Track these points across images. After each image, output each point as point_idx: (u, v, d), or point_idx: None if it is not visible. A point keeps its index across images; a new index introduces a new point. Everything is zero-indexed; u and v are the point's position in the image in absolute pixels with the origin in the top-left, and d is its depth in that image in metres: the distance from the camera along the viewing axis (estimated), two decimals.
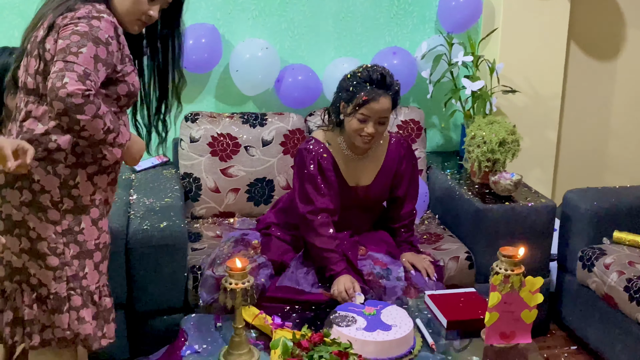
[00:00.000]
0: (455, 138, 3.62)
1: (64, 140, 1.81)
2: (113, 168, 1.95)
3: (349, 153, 2.52)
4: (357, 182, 2.55)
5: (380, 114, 2.37)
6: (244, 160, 3.06)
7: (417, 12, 3.38)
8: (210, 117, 3.10)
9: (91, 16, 1.76)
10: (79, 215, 1.88)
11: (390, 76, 2.40)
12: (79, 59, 1.69)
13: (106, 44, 1.76)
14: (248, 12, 3.22)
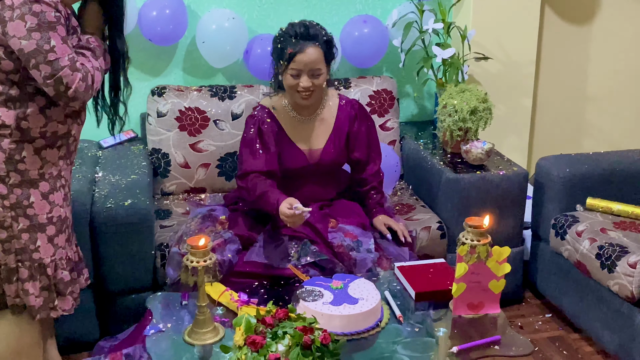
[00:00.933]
0: (430, 107, 3.59)
1: (8, 115, 1.84)
2: (63, 142, 1.96)
3: (296, 115, 2.55)
4: (310, 146, 2.56)
5: (309, 65, 2.40)
6: (213, 135, 3.02)
7: None
8: (177, 90, 3.05)
9: (30, 2, 1.76)
10: (27, 189, 1.89)
11: (315, 27, 2.44)
12: (57, 52, 1.77)
13: (58, 21, 1.80)
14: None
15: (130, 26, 2.96)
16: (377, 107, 3.23)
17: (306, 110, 2.54)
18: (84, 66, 1.82)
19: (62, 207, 1.99)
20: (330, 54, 2.47)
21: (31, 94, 1.85)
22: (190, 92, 3.06)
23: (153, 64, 3.19)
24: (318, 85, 2.45)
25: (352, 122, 2.58)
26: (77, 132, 2.01)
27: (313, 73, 2.42)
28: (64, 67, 1.77)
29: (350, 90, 3.21)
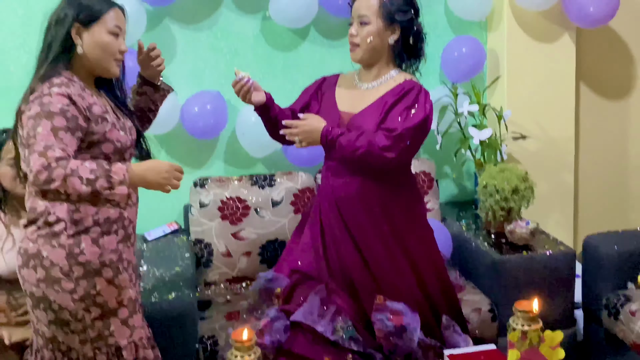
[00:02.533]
0: (470, 187, 3.56)
1: (62, 209, 1.91)
2: (119, 226, 2.00)
3: (356, 82, 2.42)
4: (349, 109, 2.37)
5: (359, 10, 2.30)
6: (254, 223, 3.04)
7: (421, 64, 3.36)
8: (219, 181, 3.09)
9: (42, 95, 1.86)
10: (92, 278, 1.94)
11: None
12: (37, 139, 1.80)
13: (62, 113, 1.84)
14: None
15: (173, 122, 3.08)
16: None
17: (366, 76, 2.38)
18: (61, 160, 1.79)
19: (130, 288, 2.03)
20: (390, 8, 2.27)
21: None
22: (231, 182, 3.09)
23: (195, 157, 3.27)
24: (363, 38, 2.29)
25: (398, 97, 2.29)
26: (130, 214, 2.04)
27: (361, 20, 2.29)
28: (35, 151, 1.79)
29: None
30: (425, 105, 2.27)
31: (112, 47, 1.98)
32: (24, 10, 3.04)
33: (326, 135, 2.26)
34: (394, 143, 2.20)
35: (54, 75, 1.90)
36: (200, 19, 3.17)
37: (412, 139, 2.23)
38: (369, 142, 2.20)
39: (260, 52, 3.27)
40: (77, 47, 1.95)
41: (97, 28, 1.96)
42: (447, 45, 3.32)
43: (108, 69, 2.00)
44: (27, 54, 3.04)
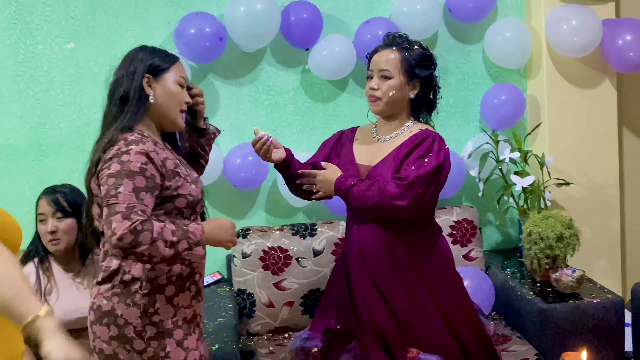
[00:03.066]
0: (514, 235, 3.54)
1: (137, 268, 1.94)
2: (191, 282, 2.02)
3: (375, 134, 2.43)
4: (367, 162, 2.37)
5: (379, 65, 2.31)
6: (296, 273, 3.05)
7: (460, 112, 3.44)
8: (261, 231, 3.13)
9: (120, 152, 1.86)
10: (163, 340, 1.96)
11: (400, 37, 2.36)
12: (119, 199, 1.79)
13: (141, 172, 1.85)
14: (292, 127, 3.34)
15: (215, 174, 3.15)
16: (459, 237, 3.21)
17: (383, 129, 2.40)
18: (145, 222, 1.78)
19: (197, 348, 2.03)
20: (411, 63, 2.30)
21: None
22: (273, 232, 3.13)
23: (238, 208, 3.32)
24: (385, 92, 2.30)
25: (412, 146, 2.29)
26: (200, 267, 2.06)
27: (382, 74, 2.31)
28: (117, 212, 1.77)
29: None
30: (438, 153, 2.26)
31: (179, 97, 2.04)
32: (73, 69, 3.18)
33: (339, 186, 2.29)
34: (405, 191, 2.19)
35: (129, 130, 1.93)
36: (242, 74, 3.26)
37: (425, 186, 2.21)
38: (380, 191, 2.21)
39: (300, 104, 3.34)
40: (150, 97, 2.00)
41: (166, 78, 2.02)
42: (486, 92, 3.36)
43: (174, 120, 2.05)
44: (77, 112, 3.18)
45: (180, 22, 3.10)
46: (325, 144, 2.55)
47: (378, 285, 2.33)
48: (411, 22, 3.21)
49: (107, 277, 1.96)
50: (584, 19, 3.13)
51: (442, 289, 2.35)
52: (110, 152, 1.88)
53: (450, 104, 3.41)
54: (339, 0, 3.30)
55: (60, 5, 3.13)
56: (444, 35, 3.39)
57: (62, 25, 3.14)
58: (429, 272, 2.34)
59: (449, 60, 3.40)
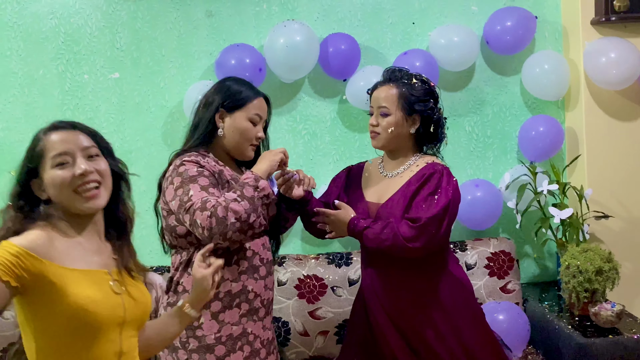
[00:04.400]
0: (552, 267, 3.51)
1: (188, 281, 2.05)
2: (242, 299, 2.09)
3: (382, 170, 2.42)
4: (376, 199, 2.37)
5: (379, 102, 2.31)
6: (331, 302, 3.07)
7: (497, 144, 3.45)
8: (296, 259, 3.16)
9: (175, 167, 2.04)
10: (204, 354, 2.03)
11: (400, 72, 2.35)
12: (193, 200, 1.93)
13: (200, 174, 2.00)
14: (329, 156, 3.38)
15: None
16: (496, 269, 3.20)
17: (389, 165, 2.39)
18: (212, 203, 1.92)
19: None
20: (410, 99, 2.28)
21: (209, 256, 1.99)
22: (308, 260, 3.15)
23: None
24: (384, 128, 2.30)
25: (420, 182, 2.26)
26: (257, 287, 2.12)
27: (380, 111, 2.31)
28: (195, 210, 1.92)
29: (466, 252, 3.22)
30: (447, 190, 2.24)
31: (249, 133, 2.14)
32: (117, 98, 3.28)
33: (352, 228, 2.29)
34: (418, 233, 2.18)
35: (195, 148, 2.10)
36: (280, 104, 3.31)
37: (438, 225, 2.20)
38: (393, 234, 2.19)
39: (337, 134, 3.39)
40: (219, 130, 2.14)
41: (239, 114, 2.14)
42: (524, 124, 3.37)
43: (243, 152, 2.17)
44: (120, 139, 3.30)
45: (221, 53, 3.18)
46: (335, 181, 2.54)
47: (397, 323, 2.32)
48: (448, 54, 3.25)
49: (169, 286, 2.11)
50: (623, 52, 3.12)
51: (463, 321, 2.33)
52: (167, 172, 2.07)
53: (487, 135, 3.44)
54: (377, 32, 3.36)
55: (107, 37, 3.25)
56: (482, 67, 3.42)
57: (108, 56, 3.26)
58: (448, 305, 2.32)
59: (486, 91, 3.43)
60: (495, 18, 3.29)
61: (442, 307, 2.31)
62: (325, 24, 3.33)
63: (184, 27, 3.28)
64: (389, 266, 2.31)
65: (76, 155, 1.56)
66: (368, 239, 2.25)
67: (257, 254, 2.16)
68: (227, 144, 2.16)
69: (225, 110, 2.15)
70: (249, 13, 3.30)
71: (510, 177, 3.28)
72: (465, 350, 2.30)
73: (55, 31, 3.23)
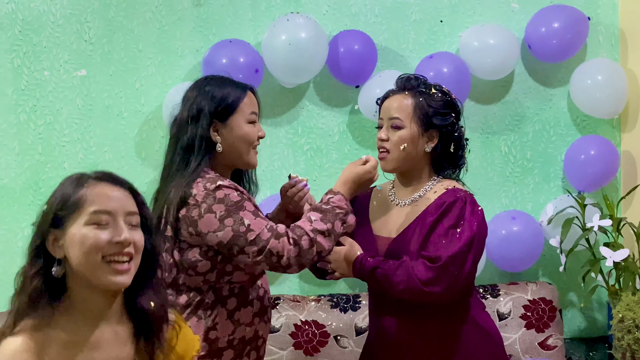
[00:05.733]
0: (602, 320, 3.45)
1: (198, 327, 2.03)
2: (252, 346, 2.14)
3: (393, 196, 2.32)
4: (387, 233, 2.28)
5: (390, 112, 2.22)
6: (334, 354, 3.01)
7: (539, 168, 3.40)
8: (293, 301, 3.10)
9: (212, 190, 1.99)
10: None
11: (417, 79, 2.29)
12: (254, 229, 1.97)
13: (244, 199, 2.03)
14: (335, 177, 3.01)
15: None
16: (534, 320, 3.13)
17: (401, 191, 2.29)
18: (294, 229, 2.02)
19: None
20: (427, 111, 2.21)
21: (225, 296, 2.05)
22: (307, 302, 3.10)
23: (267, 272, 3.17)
24: (395, 143, 2.21)
25: (439, 213, 2.18)
26: (264, 332, 2.19)
27: (392, 124, 2.21)
28: (268, 239, 1.97)
29: (499, 299, 3.15)
30: (471, 222, 2.16)
31: (251, 137, 2.14)
32: (83, 100, 3.20)
33: (359, 269, 2.21)
34: (437, 275, 2.10)
35: (199, 177, 2.05)
36: (279, 113, 3.27)
37: (460, 266, 2.11)
38: (409, 276, 2.11)
39: (346, 151, 3.32)
40: (217, 145, 2.10)
41: (235, 120, 2.12)
42: (572, 146, 3.33)
43: (248, 161, 2.17)
44: (84, 150, 3.20)
45: (210, 50, 3.13)
46: None
47: None
48: (482, 59, 3.21)
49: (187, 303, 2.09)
50: None
51: None
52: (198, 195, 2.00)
53: (526, 158, 3.39)
54: (397, 31, 3.33)
55: (73, 27, 3.18)
56: (522, 75, 3.38)
57: (74, 50, 3.19)
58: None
59: (526, 105, 3.39)
60: (540, 18, 3.24)
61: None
62: (336, 19, 3.30)
63: (166, 18, 3.23)
64: (401, 313, 2.23)
65: (118, 219, 1.53)
66: (378, 281, 2.18)
67: (267, 293, 2.22)
68: (229, 157, 2.15)
69: (218, 121, 2.11)
70: (244, 3, 3.26)
71: (554, 210, 3.20)
72: None
73: (12, 18, 3.16)
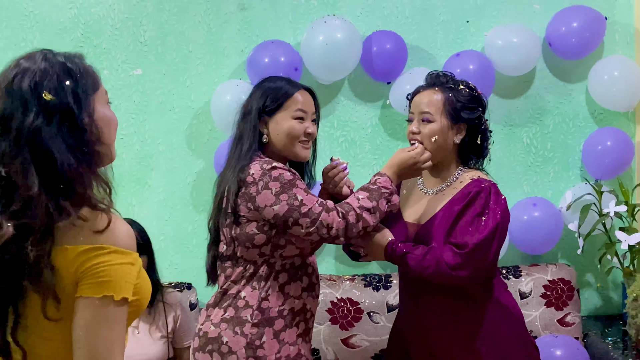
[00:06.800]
0: (617, 299, 3.47)
1: (252, 296, 2.15)
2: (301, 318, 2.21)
3: (421, 185, 2.41)
4: (416, 219, 2.36)
5: (420, 106, 2.29)
6: (367, 329, 3.07)
7: (559, 158, 3.44)
8: (329, 280, 3.16)
9: (267, 170, 2.11)
10: None
11: (445, 75, 2.35)
12: (307, 204, 2.09)
13: (295, 178, 2.13)
14: (368, 167, 3.37)
15: None
16: (553, 299, 3.18)
17: (429, 181, 2.38)
18: (343, 205, 2.13)
19: None
20: (456, 105, 2.28)
21: (277, 271, 2.15)
22: (342, 281, 3.17)
23: None
24: (426, 135, 2.27)
25: (465, 202, 2.24)
26: (312, 306, 2.25)
27: (422, 117, 2.28)
28: (320, 212, 2.08)
29: (520, 279, 3.21)
30: (496, 211, 2.22)
31: (296, 132, 2.21)
32: (139, 96, 3.33)
33: (391, 254, 2.27)
34: (465, 260, 2.16)
35: (254, 160, 2.16)
36: None
37: (486, 251, 2.18)
38: (437, 261, 2.18)
39: (379, 142, 3.40)
40: (264, 136, 2.22)
41: (281, 115, 2.21)
42: (589, 137, 3.36)
43: (295, 153, 2.24)
44: (140, 142, 3.34)
45: (253, 50, 3.21)
46: None
47: (438, 358, 2.31)
48: (506, 57, 3.24)
49: (219, 301, 2.19)
50: None
51: (513, 356, 2.30)
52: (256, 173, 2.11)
53: (547, 149, 3.43)
54: (426, 31, 3.37)
55: (130, 30, 3.30)
56: (543, 72, 3.41)
57: (130, 50, 3.31)
58: (495, 337, 2.28)
59: (547, 99, 3.42)
60: (560, 18, 3.27)
61: (488, 339, 2.28)
62: (369, 21, 3.33)
63: (214, 21, 3.31)
64: (429, 294, 2.30)
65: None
66: (408, 265, 2.24)
67: (315, 271, 2.29)
68: (276, 148, 2.23)
69: (265, 115, 2.22)
70: (285, 7, 3.32)
71: (573, 196, 3.25)
72: None
73: (75, 22, 3.26)
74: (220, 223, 2.22)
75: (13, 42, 3.27)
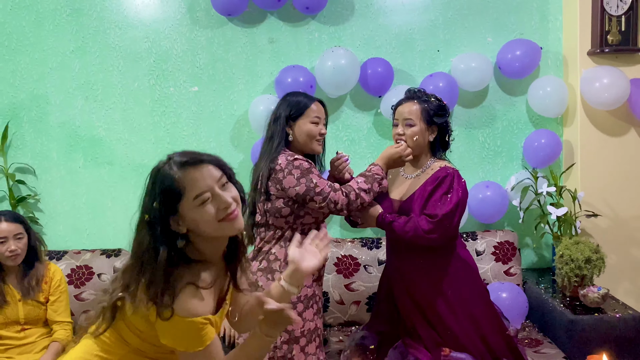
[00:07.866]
0: (548, 256, 3.46)
1: (281, 252, 2.18)
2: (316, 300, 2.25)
3: (402, 171, 2.44)
4: (399, 197, 2.37)
5: (404, 114, 2.31)
6: (363, 277, 3.07)
7: (505, 152, 3.40)
8: (336, 242, 3.17)
9: (291, 160, 2.16)
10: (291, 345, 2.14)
11: (420, 91, 2.36)
12: (320, 186, 2.14)
13: (310, 167, 2.17)
14: (365, 159, 3.36)
15: None
16: (501, 256, 3.16)
17: (409, 168, 2.40)
18: (345, 187, 2.16)
19: (313, 320, 2.23)
20: (429, 113, 2.29)
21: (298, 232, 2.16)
22: (345, 243, 3.16)
23: None
24: (409, 136, 2.29)
25: (435, 184, 2.26)
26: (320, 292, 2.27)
27: (406, 123, 2.29)
28: (329, 192, 2.12)
29: (477, 241, 3.19)
30: (458, 190, 2.24)
31: (313, 132, 2.25)
32: (196, 107, 3.30)
33: (381, 222, 2.31)
34: (435, 227, 2.20)
35: (281, 154, 2.20)
36: None
37: (450, 220, 2.22)
38: (415, 227, 2.21)
39: (372, 141, 3.37)
40: (289, 136, 2.26)
41: (302, 120, 2.25)
42: (528, 137, 3.31)
43: (312, 148, 2.28)
44: (197, 140, 3.31)
45: (280, 72, 3.18)
46: None
47: (414, 297, 2.34)
48: (467, 77, 3.21)
49: (256, 255, 2.21)
50: (614, 78, 3.06)
51: (469, 295, 2.32)
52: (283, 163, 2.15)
53: (497, 145, 3.39)
54: (407, 57, 3.32)
55: (189, 57, 3.28)
56: (494, 88, 3.37)
57: (189, 73, 3.28)
58: (457, 281, 2.31)
59: (497, 109, 3.38)
60: (507, 48, 3.24)
61: (451, 283, 2.30)
62: (366, 50, 3.31)
63: (251, 51, 3.29)
64: (409, 251, 2.33)
65: (215, 190, 1.39)
66: (393, 230, 2.27)
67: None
68: (299, 145, 2.26)
69: (291, 120, 2.25)
70: (303, 40, 3.30)
71: (516, 180, 3.25)
72: (471, 320, 2.31)
73: (148, 52, 3.27)
74: (256, 199, 2.25)
75: (104, 67, 3.27)
